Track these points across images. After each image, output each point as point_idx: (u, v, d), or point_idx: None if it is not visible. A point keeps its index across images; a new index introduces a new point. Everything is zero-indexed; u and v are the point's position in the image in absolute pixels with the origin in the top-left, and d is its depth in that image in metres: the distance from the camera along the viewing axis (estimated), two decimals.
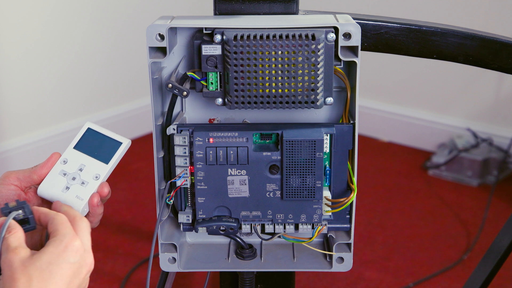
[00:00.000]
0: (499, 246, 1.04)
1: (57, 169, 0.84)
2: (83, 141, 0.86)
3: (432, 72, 2.62)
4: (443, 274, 1.86)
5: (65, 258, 0.72)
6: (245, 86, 0.80)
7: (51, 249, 0.72)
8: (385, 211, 2.21)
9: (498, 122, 2.53)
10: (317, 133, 0.84)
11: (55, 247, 0.73)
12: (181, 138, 0.85)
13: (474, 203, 2.26)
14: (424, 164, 2.53)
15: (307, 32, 0.79)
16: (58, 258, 0.72)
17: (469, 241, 2.02)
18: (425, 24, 0.91)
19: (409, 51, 0.92)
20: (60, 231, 0.74)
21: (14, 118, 2.37)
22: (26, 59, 2.36)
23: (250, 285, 0.96)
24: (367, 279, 1.82)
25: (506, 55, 0.91)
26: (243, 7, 0.87)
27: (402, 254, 1.95)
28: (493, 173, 2.39)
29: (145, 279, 0.88)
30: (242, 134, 0.85)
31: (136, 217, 2.16)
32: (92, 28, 2.57)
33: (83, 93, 2.60)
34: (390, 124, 2.77)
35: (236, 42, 0.79)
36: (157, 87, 0.86)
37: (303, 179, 0.85)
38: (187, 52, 0.88)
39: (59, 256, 0.72)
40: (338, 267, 0.91)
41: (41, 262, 0.71)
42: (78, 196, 0.82)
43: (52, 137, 2.47)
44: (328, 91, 0.82)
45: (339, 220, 0.90)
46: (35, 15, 2.35)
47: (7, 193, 0.83)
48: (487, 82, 2.52)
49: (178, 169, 0.87)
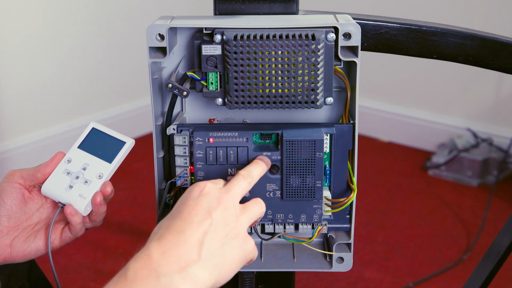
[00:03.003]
0: (499, 246, 1.04)
1: (61, 168, 0.85)
2: (87, 140, 0.86)
3: (432, 72, 2.62)
4: (443, 274, 1.86)
5: (190, 197, 0.72)
6: (245, 86, 0.80)
7: (181, 196, 0.74)
8: (385, 211, 2.21)
9: (498, 122, 2.53)
10: (317, 133, 0.84)
11: (185, 192, 0.74)
12: (181, 138, 0.85)
13: (474, 203, 2.26)
14: (424, 164, 2.53)
15: (307, 32, 0.79)
16: (185, 198, 0.72)
17: (469, 241, 2.02)
18: (425, 24, 0.91)
19: (409, 51, 0.91)
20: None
21: (15, 118, 2.37)
22: (26, 59, 2.36)
23: (250, 285, 0.96)
24: (367, 279, 1.83)
25: (506, 55, 0.91)
26: (243, 7, 0.87)
27: (402, 254, 1.95)
28: (493, 173, 2.39)
29: None
30: (242, 134, 0.85)
31: (136, 217, 2.16)
32: (93, 29, 2.57)
33: (83, 93, 2.60)
34: (390, 124, 2.77)
35: (236, 42, 0.79)
36: (157, 87, 0.86)
37: (303, 179, 0.85)
38: (187, 52, 0.88)
39: (186, 197, 0.73)
40: (338, 267, 0.91)
41: (173, 208, 0.73)
42: (81, 194, 0.83)
43: (52, 137, 2.47)
44: (328, 91, 0.82)
45: (339, 220, 0.90)
46: (36, 15, 2.35)
47: (11, 191, 0.83)
48: (487, 82, 2.52)
49: (178, 169, 0.87)
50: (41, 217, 0.86)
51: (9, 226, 0.83)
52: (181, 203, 0.72)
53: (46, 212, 0.86)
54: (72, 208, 0.82)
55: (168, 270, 0.64)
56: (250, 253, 0.73)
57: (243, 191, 0.77)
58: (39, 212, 0.86)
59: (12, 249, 0.83)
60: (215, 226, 0.70)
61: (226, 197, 0.73)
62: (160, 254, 0.65)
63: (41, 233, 0.84)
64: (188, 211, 0.70)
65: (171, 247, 0.66)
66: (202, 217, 0.70)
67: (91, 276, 1.83)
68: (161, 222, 0.71)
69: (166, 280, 0.63)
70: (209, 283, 0.66)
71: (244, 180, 0.77)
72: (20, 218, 0.84)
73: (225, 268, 0.69)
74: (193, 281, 0.65)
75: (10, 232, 0.83)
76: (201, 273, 0.66)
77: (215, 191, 0.73)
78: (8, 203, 0.83)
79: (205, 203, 0.71)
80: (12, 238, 0.83)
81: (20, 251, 0.83)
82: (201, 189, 0.73)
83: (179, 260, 0.65)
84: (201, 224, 0.69)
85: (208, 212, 0.70)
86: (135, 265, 0.64)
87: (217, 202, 0.72)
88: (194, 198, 0.72)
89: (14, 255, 0.83)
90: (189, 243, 0.67)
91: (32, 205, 0.85)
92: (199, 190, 0.73)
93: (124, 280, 0.63)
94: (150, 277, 0.63)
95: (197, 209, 0.70)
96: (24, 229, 0.84)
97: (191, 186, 0.74)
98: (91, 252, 1.91)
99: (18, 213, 0.84)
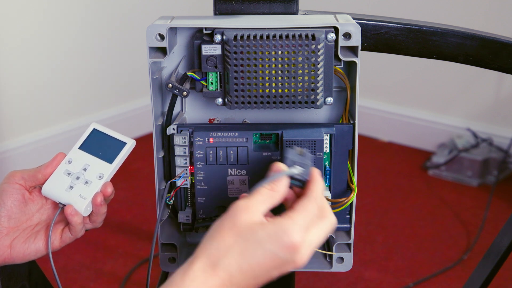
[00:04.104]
0: (499, 246, 1.04)
1: (61, 169, 0.85)
2: (88, 141, 0.86)
3: (432, 72, 2.62)
4: (443, 274, 1.86)
5: (280, 261, 0.64)
6: (245, 86, 0.80)
7: (276, 239, 0.64)
8: (385, 211, 2.21)
9: (498, 122, 2.53)
10: (317, 133, 0.84)
11: (276, 231, 0.64)
12: (181, 138, 0.85)
13: (474, 203, 2.26)
14: (424, 164, 2.53)
15: (307, 32, 0.79)
16: (275, 258, 0.64)
17: (469, 241, 2.02)
18: (425, 24, 0.91)
19: (409, 51, 0.91)
20: (300, 221, 0.65)
21: (14, 118, 2.37)
22: (26, 59, 2.36)
23: None
24: (367, 279, 1.82)
25: (506, 55, 0.91)
26: (243, 7, 0.87)
27: (402, 254, 1.95)
28: (493, 173, 2.39)
29: (145, 279, 0.88)
30: (242, 134, 0.85)
31: (136, 217, 2.16)
32: (93, 29, 2.57)
33: (83, 93, 2.60)
34: (390, 124, 2.77)
35: (236, 42, 0.79)
36: (157, 87, 0.86)
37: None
38: (187, 52, 0.88)
39: (277, 255, 0.64)
40: (338, 267, 0.91)
41: (260, 245, 0.63)
42: (82, 195, 0.83)
43: (52, 137, 2.47)
44: (328, 91, 0.82)
45: (339, 220, 0.90)
46: (36, 15, 2.35)
47: (11, 192, 0.83)
48: (487, 82, 2.52)
49: (178, 169, 0.87)
50: (41, 218, 0.86)
51: (9, 227, 0.83)
52: (269, 258, 0.64)
53: (47, 213, 0.86)
54: (72, 208, 0.82)
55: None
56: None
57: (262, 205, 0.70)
58: (39, 213, 0.86)
59: (12, 250, 0.83)
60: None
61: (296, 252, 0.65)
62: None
63: (41, 234, 0.84)
64: (263, 275, 0.65)
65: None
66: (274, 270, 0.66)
67: (91, 276, 1.83)
68: (239, 251, 0.64)
69: None
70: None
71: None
72: (20, 219, 0.84)
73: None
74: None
75: (10, 233, 0.83)
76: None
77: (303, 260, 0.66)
78: (9, 204, 0.83)
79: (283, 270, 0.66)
80: (12, 238, 0.83)
81: (20, 251, 0.83)
82: (299, 260, 0.65)
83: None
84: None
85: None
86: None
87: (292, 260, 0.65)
88: (280, 265, 0.65)
89: (14, 256, 0.83)
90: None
91: (32, 206, 0.85)
92: (293, 258, 0.65)
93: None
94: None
95: (270, 271, 0.65)
96: (24, 230, 0.84)
97: (291, 246, 0.64)
98: (91, 252, 1.91)
99: (18, 214, 0.84)
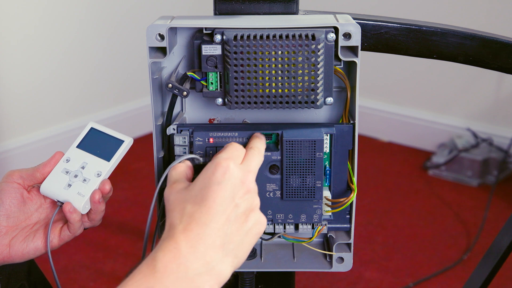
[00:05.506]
0: (499, 246, 1.04)
1: (60, 167, 0.85)
2: (86, 140, 0.87)
3: (432, 72, 2.62)
4: (443, 274, 1.86)
5: (213, 180, 0.69)
6: (245, 86, 0.80)
7: (202, 175, 0.71)
8: (385, 211, 2.21)
9: (498, 122, 2.53)
10: (317, 133, 0.84)
11: (205, 171, 0.71)
12: (181, 138, 0.85)
13: (474, 203, 2.26)
14: (424, 164, 2.53)
15: (307, 32, 0.79)
16: (208, 181, 0.70)
17: (469, 241, 2.02)
18: (425, 24, 0.91)
19: (409, 51, 0.91)
20: (217, 155, 0.73)
21: (14, 118, 2.37)
22: (26, 59, 2.36)
23: (250, 285, 0.96)
24: (367, 279, 1.82)
25: (506, 55, 0.91)
26: (243, 7, 0.87)
27: (402, 254, 1.95)
28: (493, 173, 2.39)
29: None
30: (242, 134, 0.85)
31: (136, 217, 2.16)
32: (93, 28, 2.57)
33: (83, 93, 2.60)
34: (390, 124, 2.77)
35: (236, 42, 0.79)
36: (157, 87, 0.86)
37: (303, 179, 0.85)
38: (187, 52, 0.88)
39: (209, 179, 0.70)
40: (338, 267, 0.91)
41: (194, 189, 0.70)
42: (80, 192, 0.83)
43: (52, 137, 2.47)
44: (328, 91, 0.82)
45: (339, 220, 0.90)
46: (36, 15, 2.35)
47: (10, 191, 0.83)
48: (487, 82, 2.52)
49: None
50: (40, 217, 0.86)
51: (8, 226, 0.83)
52: (204, 186, 0.70)
53: (45, 212, 0.86)
54: (70, 205, 0.82)
55: (196, 265, 0.65)
56: (262, 231, 0.73)
57: (259, 166, 0.76)
58: (38, 212, 0.86)
59: (11, 249, 0.83)
60: (237, 213, 0.70)
61: (248, 178, 0.72)
62: (188, 248, 0.65)
63: (40, 233, 0.84)
64: (213, 199, 0.68)
65: (198, 240, 0.66)
66: (226, 205, 0.69)
67: (91, 276, 1.83)
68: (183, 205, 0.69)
69: (194, 276, 0.64)
70: (230, 273, 0.68)
71: (259, 155, 0.77)
72: (19, 218, 0.84)
73: (243, 255, 0.70)
74: (217, 275, 0.66)
75: (9, 232, 0.83)
76: (224, 267, 0.67)
77: (238, 173, 0.71)
78: (7, 203, 0.83)
79: (229, 188, 0.70)
80: (11, 238, 0.83)
81: (19, 250, 0.83)
82: (224, 170, 0.70)
83: (205, 255, 0.66)
84: (225, 212, 0.68)
85: (232, 198, 0.70)
86: (163, 257, 0.64)
87: (241, 185, 0.71)
88: (218, 183, 0.70)
89: (13, 255, 0.83)
90: (214, 235, 0.67)
91: (31, 205, 0.85)
92: (222, 172, 0.70)
93: (152, 272, 0.63)
94: (179, 272, 0.64)
95: (222, 196, 0.69)
96: (23, 229, 0.84)
97: (213, 166, 0.71)
98: (91, 252, 1.91)
99: (17, 213, 0.84)
